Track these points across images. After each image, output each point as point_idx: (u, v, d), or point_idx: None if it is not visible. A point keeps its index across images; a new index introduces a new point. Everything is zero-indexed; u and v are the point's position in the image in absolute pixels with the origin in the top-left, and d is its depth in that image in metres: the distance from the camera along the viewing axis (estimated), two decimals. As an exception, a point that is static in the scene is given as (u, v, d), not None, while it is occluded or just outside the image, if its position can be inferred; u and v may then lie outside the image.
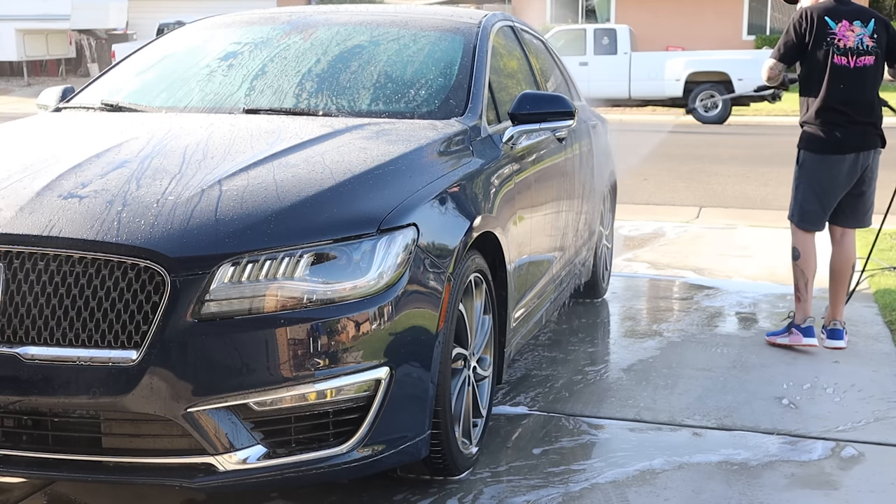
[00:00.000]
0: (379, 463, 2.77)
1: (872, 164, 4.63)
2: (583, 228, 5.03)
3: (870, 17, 4.62)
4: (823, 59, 4.54)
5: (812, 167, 4.62)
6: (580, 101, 5.59)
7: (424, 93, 3.79)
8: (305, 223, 2.67)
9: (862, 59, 4.55)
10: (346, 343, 2.64)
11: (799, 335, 4.68)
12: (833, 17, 4.57)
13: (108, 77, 4.28)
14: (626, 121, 18.78)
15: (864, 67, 4.56)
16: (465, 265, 3.08)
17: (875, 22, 4.62)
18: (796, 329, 4.70)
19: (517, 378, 4.25)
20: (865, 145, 4.59)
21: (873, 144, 4.61)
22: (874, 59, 4.58)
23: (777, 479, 3.26)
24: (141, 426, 2.59)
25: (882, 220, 5.36)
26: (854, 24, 4.58)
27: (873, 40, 4.58)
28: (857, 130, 4.57)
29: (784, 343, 4.71)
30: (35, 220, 2.60)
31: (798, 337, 4.68)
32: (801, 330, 4.68)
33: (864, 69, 4.56)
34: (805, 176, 4.66)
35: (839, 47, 4.54)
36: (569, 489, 3.17)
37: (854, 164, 4.58)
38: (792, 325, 4.73)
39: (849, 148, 4.55)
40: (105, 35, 28.15)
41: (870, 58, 4.57)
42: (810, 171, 4.63)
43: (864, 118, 4.58)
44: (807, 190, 4.65)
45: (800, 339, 4.67)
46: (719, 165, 11.91)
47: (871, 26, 4.60)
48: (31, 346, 2.54)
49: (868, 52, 4.57)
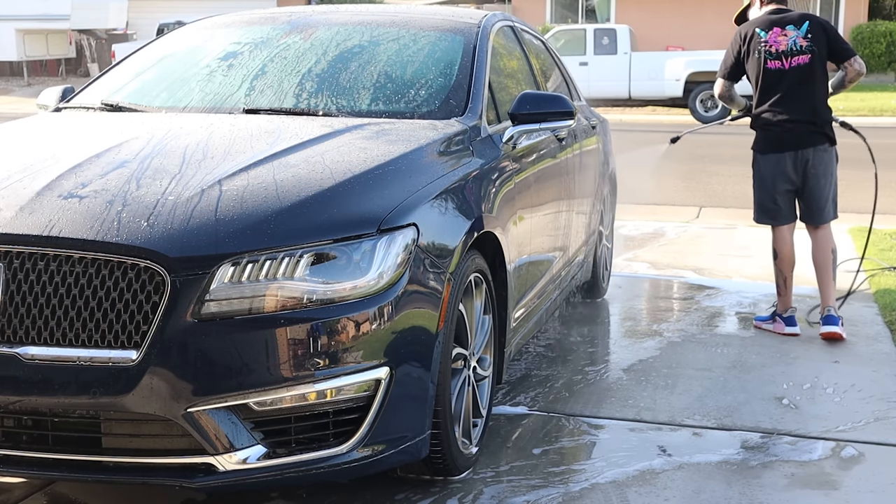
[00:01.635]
0: (379, 463, 2.77)
1: (815, 161, 4.82)
2: (583, 228, 5.03)
3: (804, 20, 4.86)
4: (758, 66, 4.87)
5: (759, 166, 4.99)
6: (580, 101, 5.59)
7: (424, 93, 3.79)
8: (305, 223, 2.67)
9: (797, 58, 4.80)
10: (346, 343, 2.64)
11: (781, 324, 4.96)
12: (764, 28, 4.88)
13: (108, 77, 4.28)
14: (626, 121, 18.79)
15: (800, 66, 4.80)
16: (465, 265, 3.08)
17: (810, 23, 4.84)
18: (779, 318, 4.99)
19: (517, 378, 4.25)
20: (803, 143, 4.82)
21: (812, 142, 4.82)
22: (810, 58, 4.79)
23: (777, 479, 3.26)
24: (141, 426, 2.59)
25: (871, 218, 5.42)
26: (786, 28, 4.83)
27: (807, 40, 4.80)
28: (793, 129, 4.81)
29: (768, 329, 5.01)
30: (35, 220, 2.60)
31: (780, 325, 4.96)
32: (783, 319, 4.97)
33: (800, 67, 4.80)
34: (756, 175, 5.02)
35: (771, 52, 4.83)
36: (569, 489, 3.17)
37: (795, 162, 4.84)
38: (776, 314, 5.04)
39: (786, 146, 4.83)
40: (105, 35, 28.14)
41: (805, 56, 4.80)
42: (758, 169, 5.00)
43: (801, 117, 4.80)
44: (759, 187, 5.01)
45: (782, 327, 4.95)
46: (719, 165, 11.90)
47: (805, 27, 4.82)
48: (32, 346, 2.54)
49: (802, 52, 4.80)
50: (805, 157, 4.83)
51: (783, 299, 5.03)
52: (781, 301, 5.04)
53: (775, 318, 5.03)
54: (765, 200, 4.99)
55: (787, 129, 4.83)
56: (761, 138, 4.97)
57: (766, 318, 5.11)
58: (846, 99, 20.94)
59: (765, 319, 5.10)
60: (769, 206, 4.98)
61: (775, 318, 5.03)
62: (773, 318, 5.05)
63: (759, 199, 5.03)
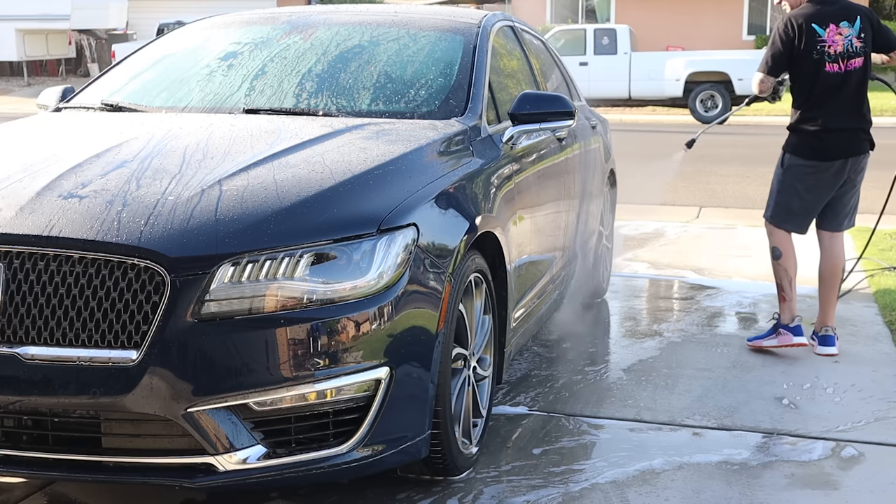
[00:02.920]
0: (379, 463, 2.78)
1: (858, 167, 4.53)
2: (583, 228, 5.03)
3: (855, 15, 4.47)
4: (814, 68, 4.42)
5: (799, 172, 4.52)
6: (580, 101, 5.59)
7: (424, 93, 3.79)
8: (305, 223, 2.67)
9: (852, 62, 4.43)
10: (346, 343, 2.64)
11: (788, 335, 4.56)
12: (820, 23, 4.42)
13: (108, 77, 4.28)
14: (626, 121, 18.80)
15: (856, 70, 4.45)
16: (465, 265, 3.08)
17: (860, 19, 4.47)
18: (784, 329, 4.58)
19: (517, 378, 4.25)
20: (854, 151, 4.49)
21: (862, 149, 4.52)
22: (863, 60, 4.46)
23: (777, 479, 3.26)
24: (141, 426, 2.59)
25: (877, 219, 5.39)
26: (841, 25, 4.43)
27: (861, 40, 4.45)
28: (847, 137, 4.47)
29: (771, 346, 4.60)
30: (35, 220, 2.60)
31: (788, 337, 4.56)
32: (789, 329, 4.57)
33: (856, 72, 4.45)
34: (790, 180, 4.56)
35: (829, 54, 4.40)
36: (569, 489, 3.17)
37: (841, 170, 4.49)
38: (779, 326, 4.61)
39: (838, 154, 4.46)
40: (105, 35, 28.14)
41: (859, 59, 4.45)
42: (796, 176, 4.53)
43: (854, 123, 4.49)
44: (791, 194, 4.56)
45: (790, 338, 4.55)
46: (719, 165, 11.90)
47: (858, 25, 4.45)
48: (32, 346, 2.54)
49: (857, 54, 4.44)
50: (854, 164, 4.50)
51: (789, 305, 4.60)
52: (787, 308, 4.60)
53: (779, 331, 4.59)
54: (795, 208, 4.56)
55: (842, 138, 4.47)
56: (806, 144, 4.49)
57: (764, 335, 4.67)
58: (846, 99, 20.91)
59: (763, 337, 4.66)
60: (799, 214, 4.58)
61: (779, 331, 4.59)
62: (775, 332, 4.61)
63: (786, 202, 4.58)
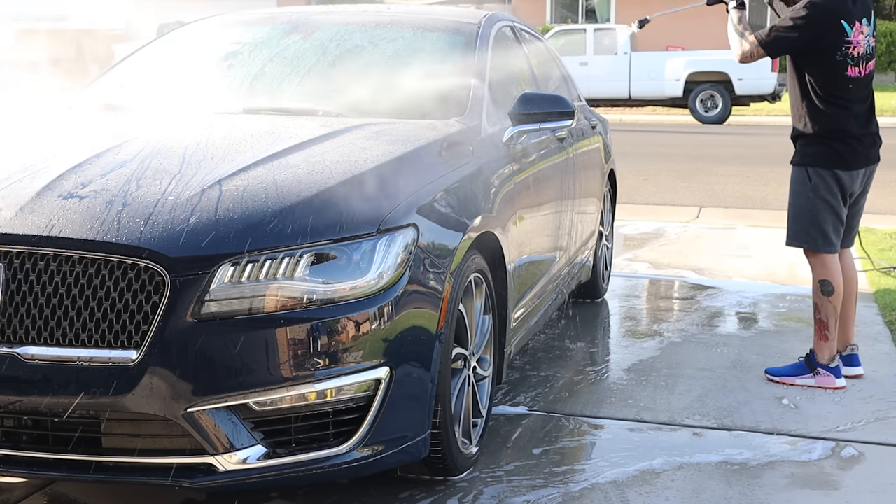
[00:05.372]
0: (379, 463, 2.77)
1: (871, 176, 4.23)
2: (583, 228, 5.03)
3: (870, 9, 4.12)
4: (834, 70, 3.99)
5: (828, 184, 4.06)
6: (580, 101, 5.59)
7: (424, 93, 3.79)
8: (305, 223, 2.67)
9: (869, 64, 4.07)
10: (347, 343, 2.64)
11: (830, 377, 4.14)
12: (848, 20, 3.97)
13: (108, 77, 4.29)
14: (626, 121, 18.81)
15: (871, 73, 4.10)
16: (465, 265, 3.08)
17: (874, 15, 4.13)
18: (825, 369, 4.15)
19: (517, 378, 4.25)
20: (874, 157, 4.19)
21: (877, 157, 4.22)
22: (875, 62, 4.11)
23: (777, 479, 3.26)
24: (141, 426, 2.59)
25: None
26: (863, 23, 4.03)
27: (874, 38, 4.10)
28: (868, 143, 4.13)
29: (806, 384, 4.15)
30: (35, 220, 2.60)
31: (830, 379, 4.14)
32: (831, 370, 4.15)
33: (870, 74, 4.10)
34: (821, 194, 4.06)
35: (853, 57, 3.99)
36: (569, 489, 3.17)
37: (861, 179, 4.15)
38: (819, 366, 4.15)
39: (863, 162, 4.12)
40: (105, 35, 28.14)
41: (873, 61, 4.10)
42: (826, 188, 4.05)
43: (873, 129, 4.16)
44: (825, 209, 4.07)
45: (832, 381, 4.13)
46: (719, 165, 11.91)
47: (873, 22, 4.11)
48: (32, 346, 2.54)
49: (872, 55, 4.09)
50: (867, 173, 4.17)
51: (830, 345, 4.14)
52: (828, 347, 4.14)
53: (818, 371, 4.14)
54: (831, 225, 4.08)
55: (865, 145, 4.10)
56: (834, 153, 4.05)
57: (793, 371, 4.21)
58: (846, 99, 20.91)
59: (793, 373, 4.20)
60: (837, 230, 4.11)
61: (818, 371, 4.14)
62: (811, 371, 4.15)
63: (823, 223, 4.07)
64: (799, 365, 4.23)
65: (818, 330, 4.19)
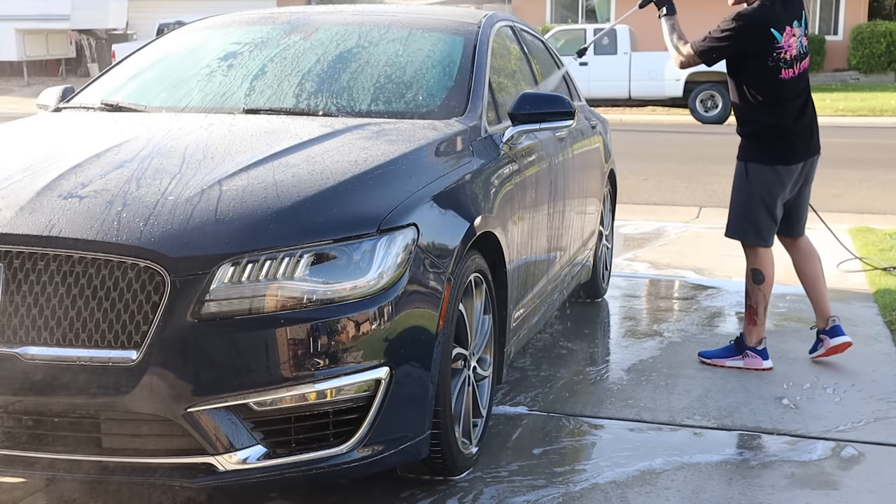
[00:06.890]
0: (379, 463, 2.77)
1: (812, 169, 4.41)
2: (583, 228, 5.03)
3: (801, 10, 4.27)
4: (768, 75, 4.19)
5: (764, 179, 4.28)
6: (580, 101, 5.59)
7: (424, 93, 3.79)
8: (305, 223, 2.67)
9: (802, 63, 4.26)
10: (346, 343, 2.64)
11: (758, 358, 4.39)
12: (778, 27, 4.16)
13: (108, 77, 4.28)
14: (626, 121, 18.80)
15: (804, 71, 4.29)
16: (465, 265, 3.08)
17: (805, 15, 4.28)
18: (752, 351, 4.39)
19: (517, 378, 4.25)
20: (811, 151, 4.36)
21: (817, 149, 4.39)
22: (808, 59, 4.31)
23: (777, 479, 3.26)
24: (141, 426, 2.59)
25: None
26: (794, 25, 4.21)
27: (806, 36, 4.27)
28: (806, 135, 4.32)
29: (735, 366, 4.39)
30: (35, 220, 2.60)
31: (757, 360, 4.38)
32: (758, 353, 4.39)
33: (804, 73, 4.29)
34: (756, 189, 4.30)
35: (785, 60, 4.19)
36: (569, 489, 3.17)
37: (799, 173, 4.35)
38: (748, 348, 4.40)
39: (801, 157, 4.31)
40: (105, 35, 28.15)
41: (807, 59, 4.30)
42: (762, 183, 4.29)
43: (809, 123, 4.34)
44: (758, 204, 4.31)
45: (759, 362, 4.38)
46: (719, 165, 11.88)
47: (804, 21, 4.26)
48: (31, 346, 2.54)
49: (805, 53, 4.29)
50: (810, 166, 4.38)
51: (758, 329, 4.40)
52: (756, 331, 4.40)
53: (746, 353, 4.40)
54: (765, 219, 4.33)
55: (802, 139, 4.30)
56: (772, 149, 4.28)
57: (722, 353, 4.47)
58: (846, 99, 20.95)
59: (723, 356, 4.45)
60: (768, 225, 4.36)
61: (746, 353, 4.40)
62: (741, 354, 4.41)
63: (756, 217, 4.33)
64: (729, 348, 4.49)
65: (748, 315, 4.45)
